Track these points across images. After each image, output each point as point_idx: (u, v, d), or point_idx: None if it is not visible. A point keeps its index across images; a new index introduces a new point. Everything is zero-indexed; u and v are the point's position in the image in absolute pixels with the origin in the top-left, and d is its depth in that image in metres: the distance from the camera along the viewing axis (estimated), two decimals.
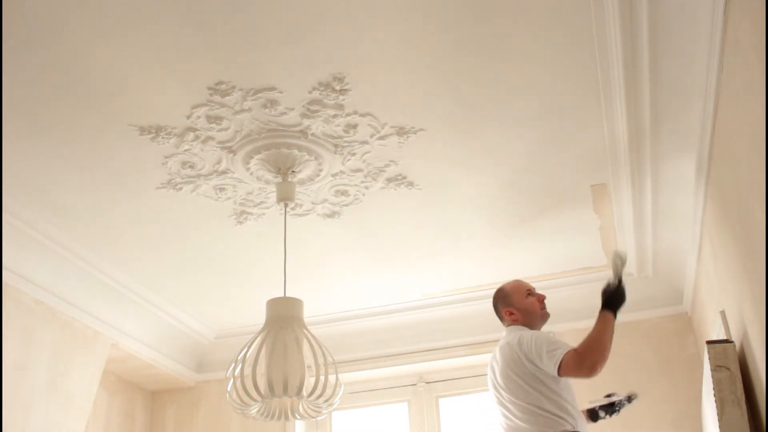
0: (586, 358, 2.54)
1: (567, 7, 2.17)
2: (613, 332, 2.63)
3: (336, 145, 2.75)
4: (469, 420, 4.28)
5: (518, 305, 2.87)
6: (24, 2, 2.06)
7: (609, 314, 2.68)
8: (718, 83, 2.27)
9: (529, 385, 2.63)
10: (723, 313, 2.91)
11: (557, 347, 2.59)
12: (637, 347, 3.93)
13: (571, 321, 3.89)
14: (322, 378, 2.60)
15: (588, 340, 2.58)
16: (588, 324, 3.86)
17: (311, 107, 2.54)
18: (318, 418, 2.78)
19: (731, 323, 2.83)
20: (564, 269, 3.86)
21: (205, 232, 3.33)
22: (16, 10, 2.08)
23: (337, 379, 2.68)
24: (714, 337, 3.02)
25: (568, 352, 2.56)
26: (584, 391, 3.02)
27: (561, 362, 2.55)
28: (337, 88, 2.45)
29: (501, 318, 2.95)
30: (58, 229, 3.24)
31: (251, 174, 2.89)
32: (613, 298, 2.73)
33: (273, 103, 2.51)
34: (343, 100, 2.51)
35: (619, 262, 2.83)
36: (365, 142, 2.74)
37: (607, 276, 3.66)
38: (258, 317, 3.00)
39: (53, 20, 2.12)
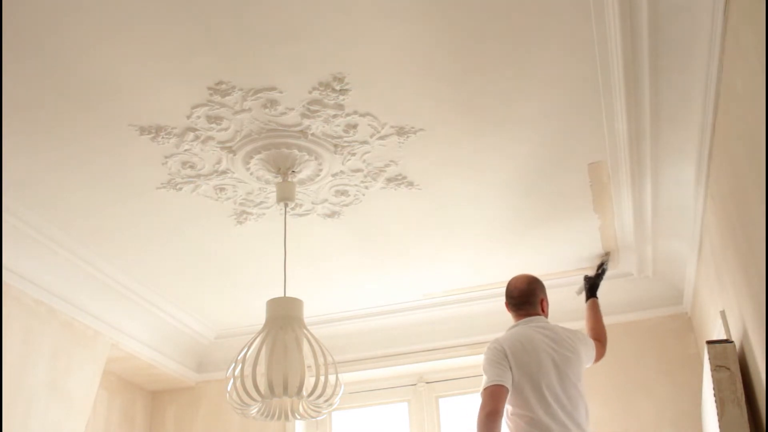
0: (606, 344, 3.23)
1: (567, 8, 2.17)
2: None
3: (336, 145, 2.75)
4: (469, 420, 4.28)
5: (547, 300, 3.05)
6: (24, 2, 2.06)
7: (596, 300, 3.46)
8: (718, 83, 2.27)
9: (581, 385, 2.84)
10: (723, 313, 2.91)
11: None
12: (638, 347, 3.93)
13: (570, 321, 3.87)
14: (322, 378, 2.60)
15: (604, 330, 3.26)
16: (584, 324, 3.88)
17: (311, 107, 2.54)
18: (318, 418, 2.78)
19: (731, 323, 2.83)
20: (564, 269, 3.86)
21: (205, 232, 3.33)
22: (16, 10, 2.08)
23: (337, 379, 2.68)
24: (714, 337, 3.02)
25: (597, 345, 3.07)
26: None
27: (596, 354, 3.04)
28: (337, 88, 2.45)
29: (533, 303, 2.97)
30: (58, 229, 3.24)
31: (251, 174, 2.89)
32: (596, 287, 3.50)
33: (273, 103, 2.51)
34: (343, 100, 2.51)
35: (605, 259, 3.59)
36: (365, 142, 2.74)
37: (607, 276, 3.69)
38: (258, 317, 3.00)
39: (53, 20, 2.12)
